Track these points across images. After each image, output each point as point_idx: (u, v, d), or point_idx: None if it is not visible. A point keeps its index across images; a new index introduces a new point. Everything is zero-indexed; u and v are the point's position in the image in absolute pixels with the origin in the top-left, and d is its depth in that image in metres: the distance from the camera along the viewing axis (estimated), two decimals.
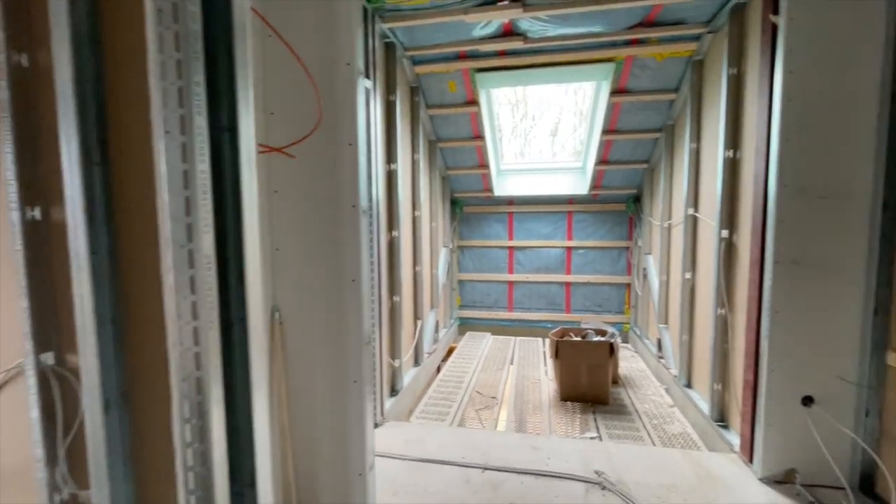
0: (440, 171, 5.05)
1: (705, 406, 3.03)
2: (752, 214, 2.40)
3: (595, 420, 3.31)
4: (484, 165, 5.02)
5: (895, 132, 1.97)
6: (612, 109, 4.05)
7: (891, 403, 2.01)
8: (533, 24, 3.02)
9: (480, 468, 2.36)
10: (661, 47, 3.33)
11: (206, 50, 0.92)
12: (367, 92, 2.60)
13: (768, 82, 2.21)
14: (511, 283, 5.95)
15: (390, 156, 3.24)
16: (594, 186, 5.24)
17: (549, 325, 5.81)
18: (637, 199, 5.39)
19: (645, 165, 4.82)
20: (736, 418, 2.64)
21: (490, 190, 5.46)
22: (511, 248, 5.91)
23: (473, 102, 4.07)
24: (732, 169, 2.76)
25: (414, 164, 3.89)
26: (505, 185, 5.52)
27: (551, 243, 5.80)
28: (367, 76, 2.66)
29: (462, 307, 6.12)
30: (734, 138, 2.73)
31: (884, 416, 2.04)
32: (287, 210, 1.66)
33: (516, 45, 3.24)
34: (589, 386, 3.60)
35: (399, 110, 3.29)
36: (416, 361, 4.01)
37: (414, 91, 3.83)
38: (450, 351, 5.27)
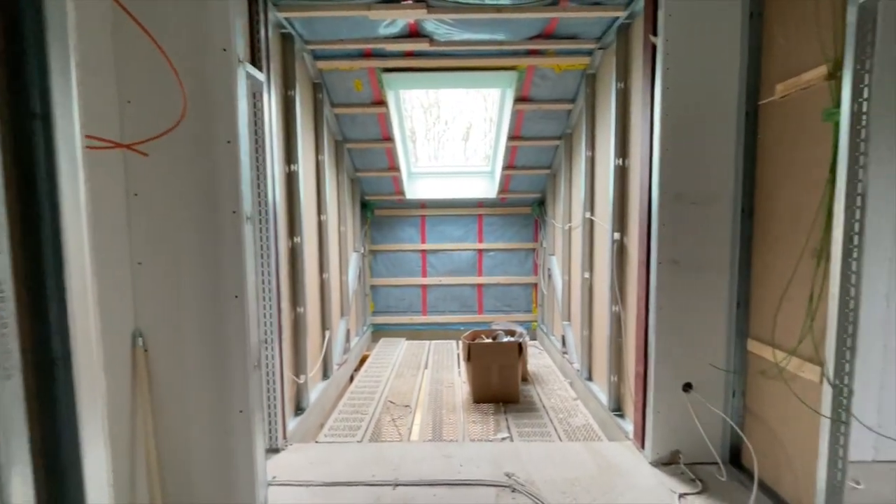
0: (349, 172, 4.84)
1: (604, 397, 3.24)
2: (639, 218, 2.60)
3: (507, 420, 3.38)
4: (395, 168, 4.91)
5: (750, 146, 2.26)
6: (516, 116, 4.19)
7: (752, 385, 2.29)
8: (438, 26, 2.99)
9: (391, 485, 2.25)
10: (558, 59, 3.51)
11: (4, 14, 0.71)
12: (259, 84, 2.36)
13: (650, 97, 2.41)
14: (425, 286, 5.92)
15: (290, 155, 3.00)
16: (502, 190, 5.41)
17: (463, 327, 5.87)
18: (541, 203, 5.67)
19: (547, 171, 5.08)
20: (630, 408, 2.84)
21: (402, 193, 5.38)
22: (424, 251, 5.88)
23: (381, 103, 3.95)
24: (622, 176, 2.98)
25: (318, 164, 3.67)
26: (416, 188, 5.47)
27: (463, 246, 5.87)
28: (260, 68, 2.41)
29: (375, 313, 5.95)
30: (623, 148, 2.95)
31: (747, 396, 2.32)
32: (151, 217, 1.40)
33: (423, 46, 3.19)
34: (500, 386, 3.67)
35: (300, 107, 3.06)
36: (325, 374, 3.78)
37: (317, 87, 3.61)
38: (363, 359, 5.07)
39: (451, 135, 6.58)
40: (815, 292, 1.85)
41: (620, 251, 3.02)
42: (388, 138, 4.43)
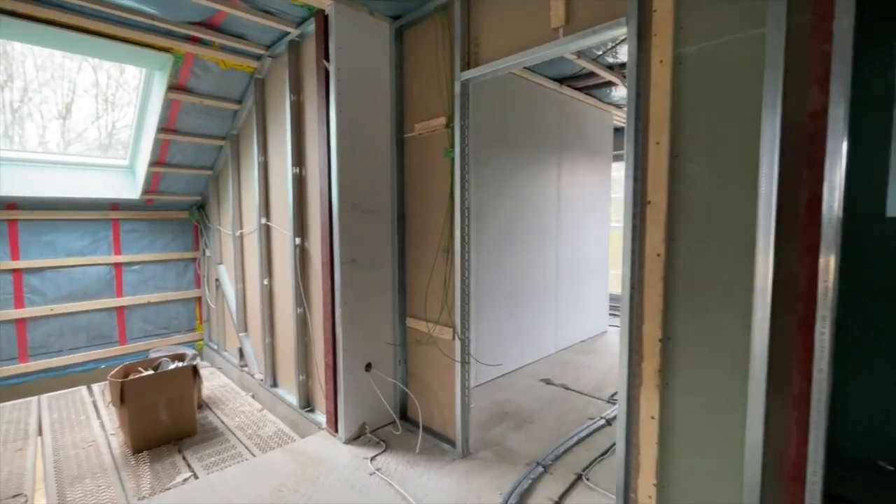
0: None
1: (293, 398, 3.32)
2: (320, 224, 2.84)
3: (184, 457, 2.91)
4: None
5: (400, 169, 2.89)
6: (170, 106, 3.61)
7: (411, 352, 2.95)
8: None
9: None
10: (224, 55, 3.29)
11: None
12: None
13: (325, 115, 2.68)
14: (22, 321, 4.15)
15: None
16: (148, 191, 4.50)
17: (97, 365, 4.54)
18: (202, 207, 5.08)
19: (209, 172, 4.61)
20: (321, 401, 3.06)
21: None
22: (18, 271, 4.11)
23: None
24: (300, 184, 3.14)
25: None
26: (0, 181, 3.77)
27: (89, 260, 4.50)
28: None
29: None
30: (300, 157, 3.11)
31: (408, 362, 2.98)
32: None
33: None
34: (172, 423, 3.10)
35: None
36: None
37: None
38: None
39: (38, 109, 4.70)
40: (447, 276, 2.61)
41: (302, 255, 3.18)
42: None
